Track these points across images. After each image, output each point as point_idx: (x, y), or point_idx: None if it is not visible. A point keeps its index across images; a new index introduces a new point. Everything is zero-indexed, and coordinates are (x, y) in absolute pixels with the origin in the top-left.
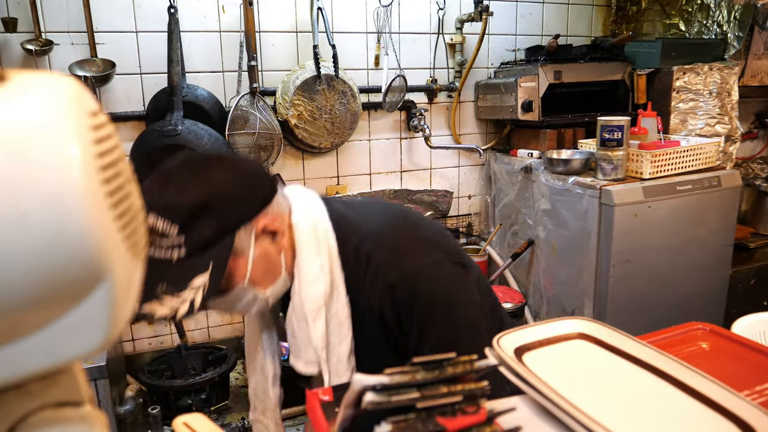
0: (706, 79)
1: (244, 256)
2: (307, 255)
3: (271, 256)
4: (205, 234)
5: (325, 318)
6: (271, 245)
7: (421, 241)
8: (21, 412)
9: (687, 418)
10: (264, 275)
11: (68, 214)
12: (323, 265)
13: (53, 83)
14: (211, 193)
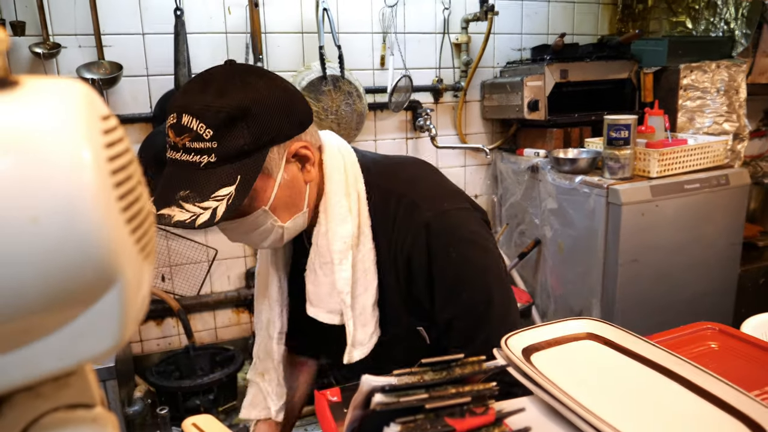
0: (713, 77)
1: (272, 178)
2: (336, 194)
3: (297, 185)
4: (239, 143)
5: (352, 262)
6: (299, 173)
7: (452, 190)
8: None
9: (696, 418)
10: (286, 204)
11: (80, 217)
12: (351, 207)
13: (65, 88)
14: (253, 101)
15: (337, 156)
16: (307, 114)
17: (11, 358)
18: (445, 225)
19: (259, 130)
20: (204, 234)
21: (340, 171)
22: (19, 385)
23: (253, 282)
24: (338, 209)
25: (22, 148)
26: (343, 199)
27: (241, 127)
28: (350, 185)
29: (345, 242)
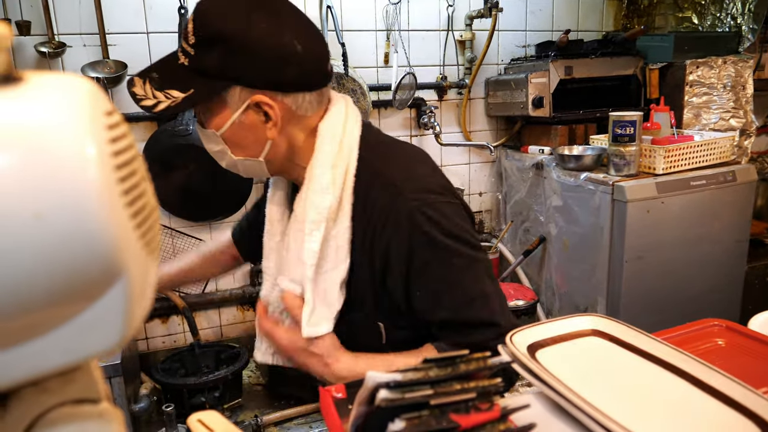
0: (719, 72)
1: (230, 111)
2: (322, 165)
3: (255, 133)
4: (208, 63)
5: (323, 235)
6: (260, 125)
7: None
8: (40, 408)
9: (703, 415)
10: (239, 143)
11: (84, 212)
12: (335, 180)
13: (69, 83)
14: (240, 38)
15: (337, 126)
16: (299, 80)
17: (17, 353)
18: (430, 215)
19: (228, 64)
20: (209, 232)
21: (334, 142)
22: (26, 379)
23: (258, 280)
24: (321, 179)
25: (26, 144)
26: (329, 170)
27: (216, 51)
28: (341, 158)
29: (320, 213)
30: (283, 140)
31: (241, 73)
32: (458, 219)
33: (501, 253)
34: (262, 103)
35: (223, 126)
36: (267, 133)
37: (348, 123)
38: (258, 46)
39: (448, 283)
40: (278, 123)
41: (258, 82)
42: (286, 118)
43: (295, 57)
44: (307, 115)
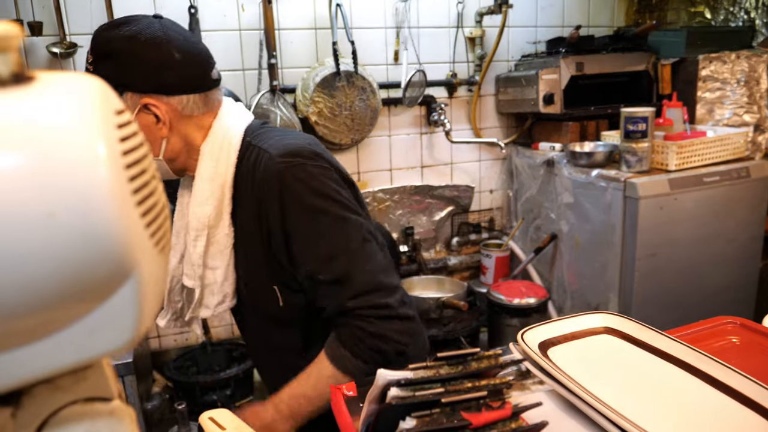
0: (733, 67)
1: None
2: (202, 178)
3: (149, 133)
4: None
5: (206, 240)
6: (153, 125)
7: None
8: (53, 406)
9: (717, 413)
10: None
11: (96, 212)
12: (213, 192)
13: (79, 83)
14: (122, 49)
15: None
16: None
17: (29, 351)
18: (298, 176)
19: (117, 74)
20: None
21: (213, 156)
22: (38, 377)
23: None
24: (200, 192)
25: (37, 143)
26: (207, 183)
27: (106, 65)
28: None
29: (201, 222)
30: (178, 139)
31: (129, 80)
32: (327, 180)
33: (512, 250)
34: (150, 104)
35: None
36: (159, 132)
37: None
38: (139, 56)
39: (314, 239)
40: (166, 122)
41: (143, 86)
42: (174, 118)
43: (174, 63)
44: (194, 114)
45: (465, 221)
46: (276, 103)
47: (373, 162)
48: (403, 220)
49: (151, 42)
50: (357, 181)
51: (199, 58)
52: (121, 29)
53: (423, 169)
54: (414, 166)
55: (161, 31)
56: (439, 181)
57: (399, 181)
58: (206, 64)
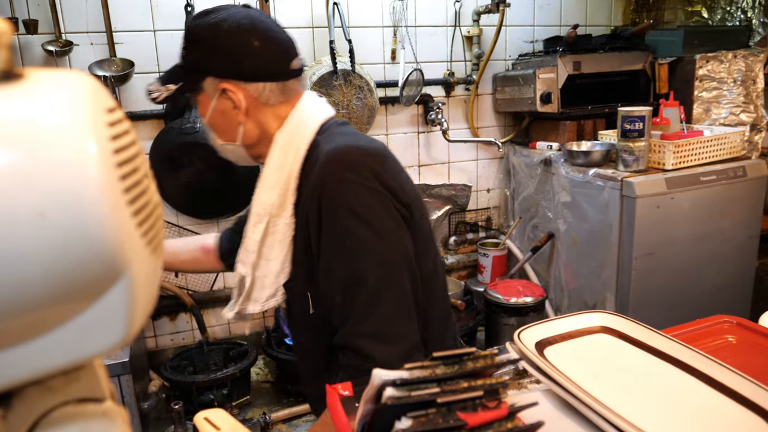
0: (730, 67)
1: (209, 99)
2: (272, 165)
3: (228, 118)
4: (189, 60)
5: (265, 228)
6: (231, 110)
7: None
8: (44, 407)
9: (713, 412)
10: (220, 128)
11: (86, 210)
12: (280, 179)
13: (69, 80)
14: (208, 35)
15: (292, 127)
16: (258, 71)
17: (20, 351)
18: (340, 191)
19: (201, 58)
20: (217, 230)
21: (284, 146)
22: (29, 378)
23: None
24: (267, 179)
25: (27, 142)
26: (275, 171)
27: (193, 50)
28: (287, 160)
29: (264, 208)
30: (254, 126)
31: (210, 66)
32: (371, 201)
33: (509, 249)
34: (228, 89)
35: (206, 112)
36: (237, 118)
37: (305, 121)
38: (220, 42)
39: (336, 261)
40: (243, 108)
41: (223, 72)
42: (251, 104)
43: (253, 51)
44: (270, 103)
45: (462, 220)
46: None
47: None
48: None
49: (233, 29)
50: None
51: (280, 47)
52: (209, 17)
53: (420, 168)
54: (411, 165)
55: (246, 20)
56: (436, 180)
57: None
58: (287, 54)
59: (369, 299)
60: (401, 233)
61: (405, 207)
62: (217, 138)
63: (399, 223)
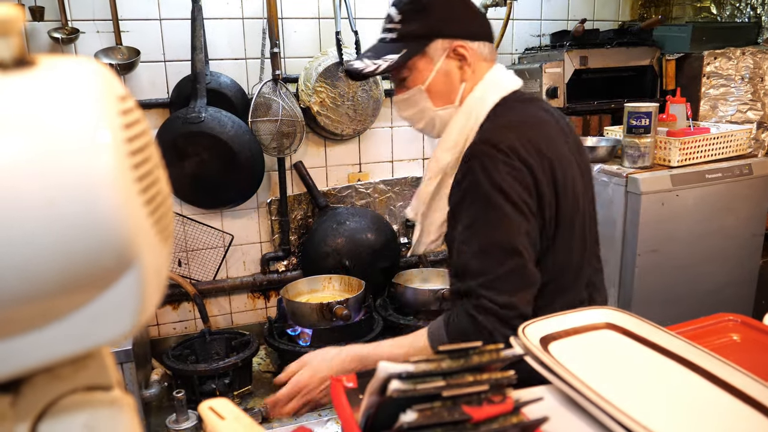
0: (738, 64)
1: (432, 63)
2: (455, 127)
3: (452, 79)
4: (413, 27)
5: (439, 184)
6: (457, 70)
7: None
8: (52, 395)
9: (717, 409)
10: (440, 92)
11: (97, 199)
12: (458, 144)
13: (82, 68)
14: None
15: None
16: (480, 30)
17: (30, 339)
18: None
19: (431, 23)
20: (220, 219)
21: (468, 113)
22: (38, 366)
23: (268, 268)
24: (448, 140)
25: (39, 129)
26: (456, 133)
27: (418, 17)
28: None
29: (440, 166)
30: (470, 86)
31: (441, 28)
32: (509, 178)
33: None
34: (460, 47)
35: (428, 77)
36: (463, 75)
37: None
38: (449, 6)
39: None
40: (472, 65)
41: (453, 32)
42: (476, 62)
43: (475, 13)
44: (486, 60)
45: None
46: (278, 93)
47: (375, 153)
48: (404, 211)
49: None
50: (358, 173)
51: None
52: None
53: (425, 161)
54: (416, 158)
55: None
56: None
57: (400, 173)
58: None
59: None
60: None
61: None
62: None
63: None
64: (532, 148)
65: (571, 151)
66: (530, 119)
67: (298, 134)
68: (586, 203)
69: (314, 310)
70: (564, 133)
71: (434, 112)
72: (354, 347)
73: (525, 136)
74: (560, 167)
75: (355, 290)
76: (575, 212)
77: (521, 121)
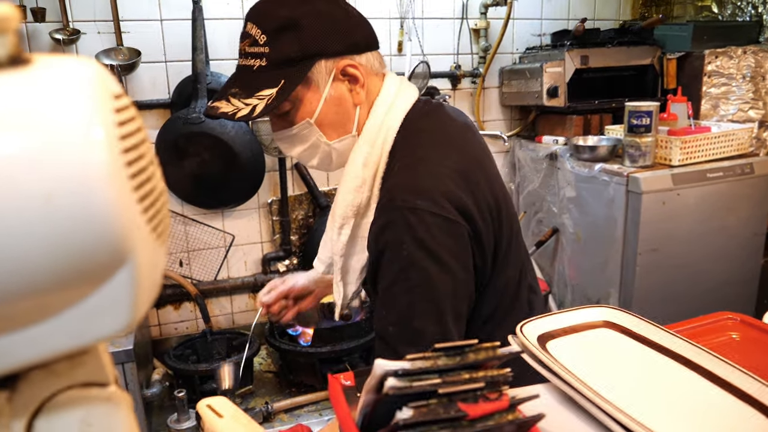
0: (739, 62)
1: (318, 91)
2: (357, 161)
3: (344, 105)
4: (287, 50)
5: (352, 230)
6: (348, 93)
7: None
8: (49, 391)
9: (715, 408)
10: (333, 122)
11: (92, 195)
12: (366, 179)
13: (76, 66)
14: (306, 14)
15: (378, 124)
16: (366, 40)
17: (25, 335)
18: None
19: (307, 42)
20: (221, 220)
21: (371, 142)
22: (34, 362)
23: (269, 268)
24: (354, 175)
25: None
26: (362, 169)
27: (291, 37)
28: (372, 156)
29: (351, 210)
30: (366, 109)
31: (321, 46)
32: (439, 233)
33: None
34: (349, 66)
35: (316, 108)
36: (355, 100)
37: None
38: (325, 16)
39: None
40: (364, 83)
41: (336, 48)
42: (368, 79)
43: (358, 20)
44: (379, 72)
45: None
46: None
47: None
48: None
49: (331, 2)
50: None
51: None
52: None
53: None
54: None
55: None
56: None
57: None
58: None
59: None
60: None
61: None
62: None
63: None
64: (462, 182)
65: (486, 155)
66: (449, 142)
67: None
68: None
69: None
70: (477, 139)
71: (329, 146)
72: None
73: (451, 173)
74: (489, 187)
75: None
76: (510, 229)
77: (440, 149)
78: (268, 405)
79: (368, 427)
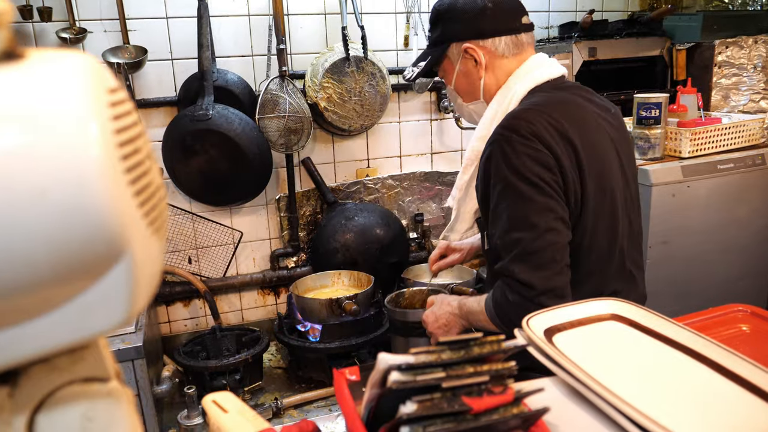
0: (750, 52)
1: (453, 65)
2: (486, 117)
3: (471, 77)
4: (434, 35)
5: (473, 171)
6: (473, 69)
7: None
8: (50, 386)
9: (725, 401)
10: (465, 89)
11: (87, 190)
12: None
13: (71, 60)
14: (447, 10)
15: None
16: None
17: (25, 329)
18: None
19: (445, 30)
20: (230, 216)
21: (499, 102)
22: (34, 356)
23: (277, 264)
24: (481, 128)
25: (28, 120)
26: (488, 122)
27: (438, 26)
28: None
29: (474, 154)
30: (493, 81)
31: (453, 33)
32: (528, 160)
33: None
34: (469, 49)
35: (452, 78)
36: (478, 74)
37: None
38: (460, 11)
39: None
40: (483, 63)
41: (463, 35)
42: (489, 59)
43: (488, 11)
44: (506, 55)
45: None
46: (285, 89)
47: (383, 148)
48: (413, 206)
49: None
50: (366, 168)
51: (510, 6)
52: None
53: (433, 156)
54: (424, 153)
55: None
56: (448, 167)
57: (408, 168)
58: (517, 11)
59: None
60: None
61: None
62: (462, 102)
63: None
64: (553, 129)
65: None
66: (558, 102)
67: (305, 130)
68: (623, 197)
69: (323, 305)
70: (607, 122)
71: (466, 107)
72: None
73: (546, 118)
74: (586, 152)
75: (364, 285)
76: (603, 199)
77: (546, 103)
78: (277, 401)
79: (373, 421)
